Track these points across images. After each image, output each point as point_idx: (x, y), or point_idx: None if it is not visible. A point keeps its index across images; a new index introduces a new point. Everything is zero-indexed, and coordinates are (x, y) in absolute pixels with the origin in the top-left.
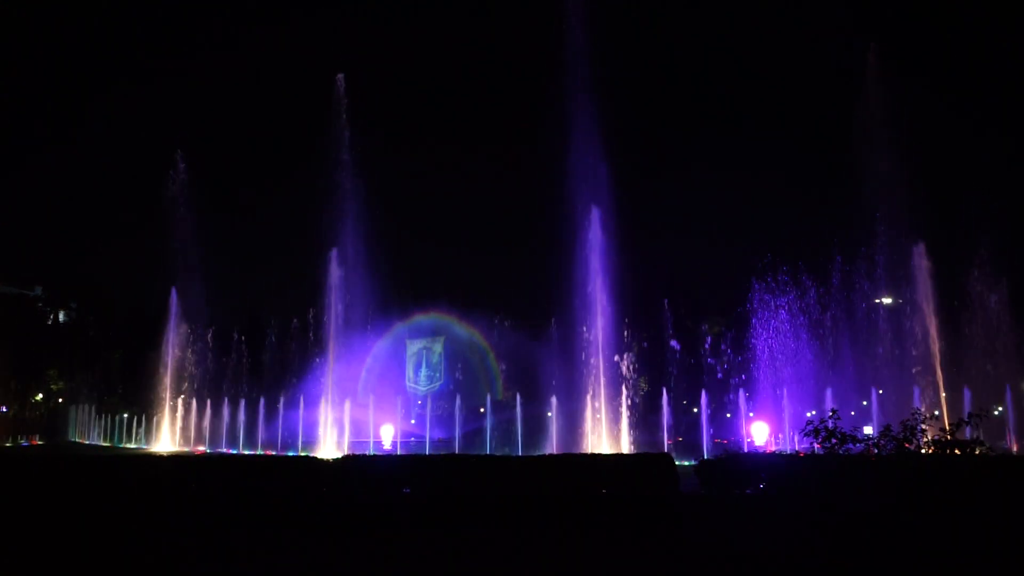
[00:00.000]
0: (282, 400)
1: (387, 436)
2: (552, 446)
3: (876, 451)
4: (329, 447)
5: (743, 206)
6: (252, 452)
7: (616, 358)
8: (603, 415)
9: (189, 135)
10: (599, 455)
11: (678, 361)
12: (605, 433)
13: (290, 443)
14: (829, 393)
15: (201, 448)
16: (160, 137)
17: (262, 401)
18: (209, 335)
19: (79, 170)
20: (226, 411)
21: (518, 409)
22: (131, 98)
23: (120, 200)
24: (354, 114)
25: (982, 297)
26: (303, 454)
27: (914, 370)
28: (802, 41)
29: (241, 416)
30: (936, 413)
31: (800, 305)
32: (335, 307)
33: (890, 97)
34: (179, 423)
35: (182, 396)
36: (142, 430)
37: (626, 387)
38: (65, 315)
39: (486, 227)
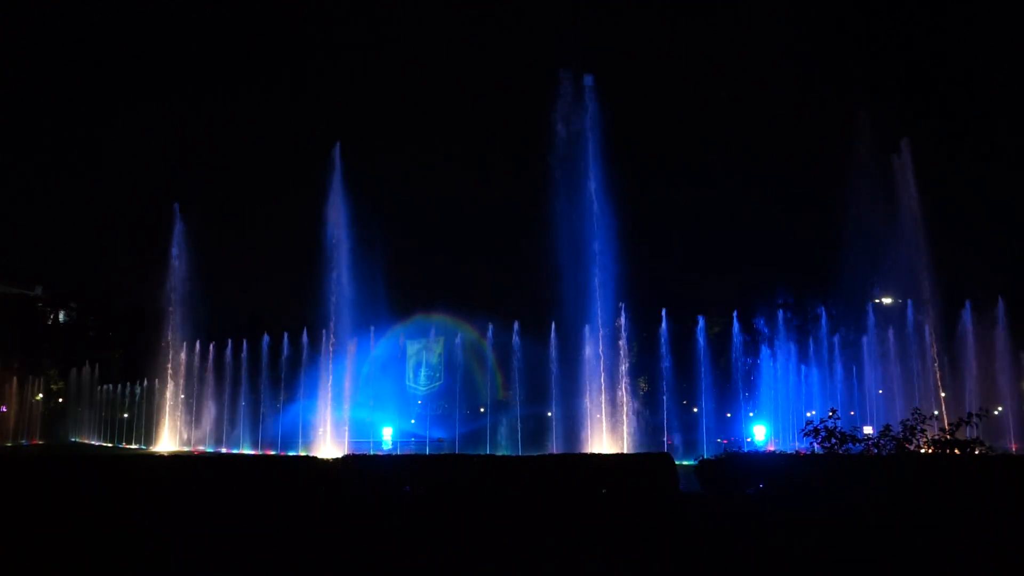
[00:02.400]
0: (282, 400)
1: (387, 436)
2: (552, 446)
3: (876, 451)
4: (329, 447)
5: (744, 208)
6: (252, 452)
7: (616, 358)
8: (603, 415)
9: (191, 140)
10: (599, 455)
11: (678, 361)
12: (605, 433)
13: (290, 443)
14: (830, 392)
15: (201, 448)
16: (162, 139)
17: (262, 401)
18: (210, 335)
19: (80, 170)
20: (226, 411)
21: (518, 409)
22: (135, 103)
23: (121, 201)
24: (353, 117)
25: (982, 296)
26: (303, 454)
27: (914, 369)
28: (802, 58)
29: (241, 416)
30: (936, 413)
31: (801, 304)
32: (336, 310)
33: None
34: (179, 423)
35: (182, 396)
36: (142, 430)
37: (626, 387)
38: (65, 315)
39: (486, 228)
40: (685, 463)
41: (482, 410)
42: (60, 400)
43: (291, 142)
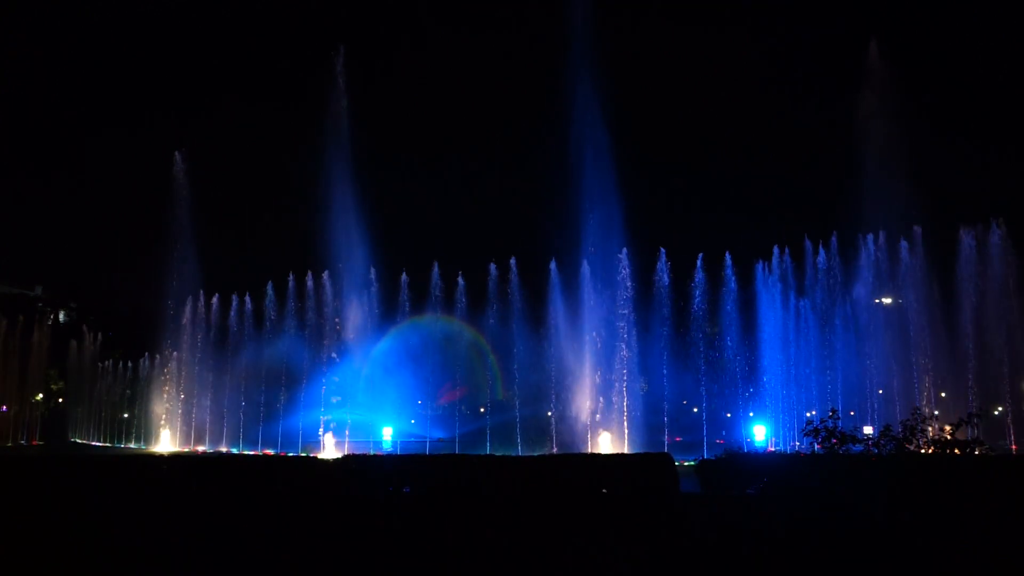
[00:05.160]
0: (283, 400)
1: (387, 436)
2: (553, 446)
3: (876, 451)
4: (329, 447)
5: (743, 207)
6: (252, 452)
7: (616, 359)
8: (603, 415)
9: (189, 138)
10: (599, 455)
11: (678, 361)
12: (605, 432)
13: (290, 443)
14: (829, 393)
15: (201, 448)
16: (161, 140)
17: (263, 401)
18: (210, 335)
19: (80, 170)
20: (226, 411)
21: (518, 409)
22: (135, 105)
23: (121, 201)
24: (352, 117)
25: (982, 296)
26: (303, 454)
27: (914, 370)
28: (802, 58)
29: (241, 416)
30: (936, 413)
31: (800, 305)
32: (335, 310)
33: (887, 95)
34: (179, 423)
35: (182, 396)
36: (142, 430)
37: (626, 387)
38: (65, 315)
39: (488, 229)
40: (685, 463)
41: (482, 410)
42: (60, 400)
43: (290, 145)
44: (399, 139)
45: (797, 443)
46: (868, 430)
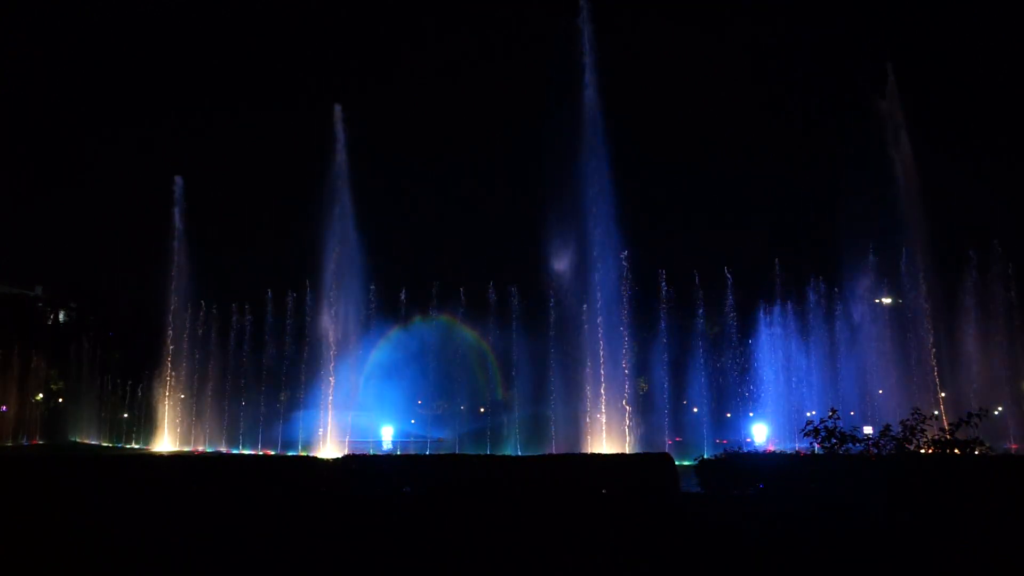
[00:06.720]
0: (283, 400)
1: (387, 436)
2: (552, 446)
3: (876, 451)
4: (329, 447)
5: (743, 207)
6: (252, 452)
7: (616, 358)
8: (603, 415)
9: (192, 144)
10: (599, 455)
11: (678, 361)
12: (605, 433)
13: (290, 443)
14: (829, 392)
15: (201, 448)
16: (161, 139)
17: (262, 401)
18: (211, 336)
19: (80, 170)
20: (226, 411)
21: (518, 409)
22: (136, 106)
23: (121, 201)
24: (351, 115)
25: (982, 295)
26: (303, 454)
27: (914, 370)
28: (803, 58)
29: (241, 416)
30: (936, 413)
31: (800, 304)
32: (336, 309)
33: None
34: (179, 423)
35: (182, 396)
36: (142, 430)
37: (626, 387)
38: (65, 315)
39: (488, 229)
40: (685, 463)
41: (482, 410)
42: (60, 400)
43: (289, 146)
44: (398, 139)
45: (796, 444)
46: (868, 430)
